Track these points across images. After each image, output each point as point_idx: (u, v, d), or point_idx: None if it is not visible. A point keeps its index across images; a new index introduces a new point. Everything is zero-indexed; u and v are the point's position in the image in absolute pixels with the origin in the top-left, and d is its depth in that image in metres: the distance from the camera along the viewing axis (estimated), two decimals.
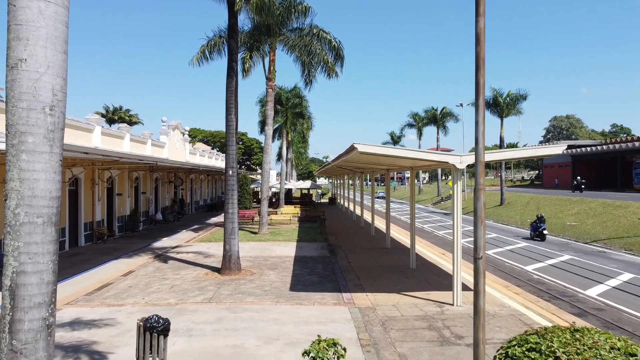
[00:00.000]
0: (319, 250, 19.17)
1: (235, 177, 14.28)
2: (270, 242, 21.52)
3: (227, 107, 14.11)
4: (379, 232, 24.91)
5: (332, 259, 16.96)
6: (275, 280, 13.31)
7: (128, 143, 24.97)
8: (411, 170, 15.37)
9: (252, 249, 19.41)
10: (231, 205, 14.16)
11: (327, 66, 23.66)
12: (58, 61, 3.75)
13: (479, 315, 5.59)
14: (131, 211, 25.48)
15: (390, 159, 12.50)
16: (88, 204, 20.67)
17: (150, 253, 18.40)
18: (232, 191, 14.18)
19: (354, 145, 10.29)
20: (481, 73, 5.67)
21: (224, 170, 14.31)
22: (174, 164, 23.70)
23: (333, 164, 16.71)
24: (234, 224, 14.16)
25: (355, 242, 21.69)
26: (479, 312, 5.61)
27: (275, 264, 15.99)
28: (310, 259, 17.04)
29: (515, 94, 44.18)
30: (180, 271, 14.72)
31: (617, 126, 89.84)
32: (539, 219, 26.30)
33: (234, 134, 14.16)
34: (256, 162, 78.05)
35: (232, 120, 14.04)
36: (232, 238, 14.09)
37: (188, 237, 23.60)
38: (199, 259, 16.95)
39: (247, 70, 23.79)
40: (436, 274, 14.36)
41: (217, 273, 14.23)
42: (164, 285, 12.86)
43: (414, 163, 13.50)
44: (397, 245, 20.55)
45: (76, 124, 19.92)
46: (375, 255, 17.74)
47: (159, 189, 30.85)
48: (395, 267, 15.31)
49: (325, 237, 23.35)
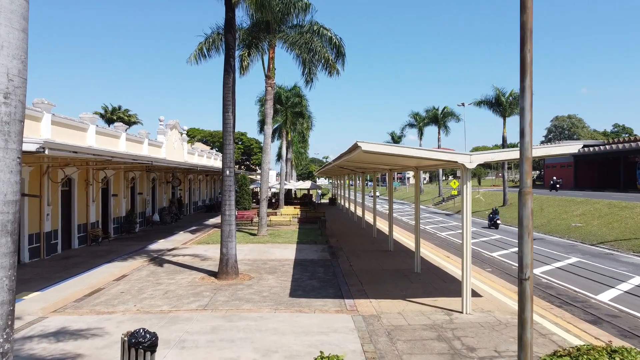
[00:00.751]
0: (320, 252, 18.59)
1: (233, 178, 13.70)
2: (269, 244, 20.95)
3: (224, 104, 13.54)
4: (381, 234, 24.33)
5: (334, 262, 16.38)
6: (274, 285, 12.73)
7: (124, 142, 24.38)
8: (415, 170, 14.80)
9: (250, 251, 18.83)
10: (228, 207, 13.58)
11: (328, 64, 23.09)
12: (14, 40, 3.17)
13: (525, 351, 4.66)
14: (127, 212, 24.90)
15: (394, 159, 11.92)
16: (82, 205, 20.08)
17: (145, 256, 17.82)
18: (229, 192, 13.60)
19: (358, 144, 9.71)
20: (528, 47, 4.88)
21: (221, 170, 13.75)
22: (170, 163, 23.12)
23: (334, 163, 16.15)
24: (231, 226, 13.57)
25: (357, 244, 21.11)
26: (525, 346, 4.67)
27: (275, 267, 15.40)
28: (310, 262, 16.46)
29: (518, 93, 43.53)
30: (176, 275, 14.13)
31: (619, 126, 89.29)
32: (494, 212, 31.18)
33: (232, 132, 13.58)
34: (256, 162, 77.45)
35: (229, 117, 13.46)
36: (229, 241, 13.51)
37: (185, 239, 23.02)
38: (196, 262, 16.37)
39: (245, 68, 23.20)
40: (442, 279, 13.78)
41: (214, 277, 13.65)
42: (157, 290, 12.27)
43: (419, 163, 12.93)
44: (400, 247, 19.98)
45: (69, 122, 19.32)
46: (378, 258, 17.16)
47: (156, 190, 30.27)
48: (400, 271, 14.74)
49: (326, 239, 22.78)
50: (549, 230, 31.00)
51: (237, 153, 76.23)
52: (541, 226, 33.00)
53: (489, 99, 44.58)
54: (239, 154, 77.47)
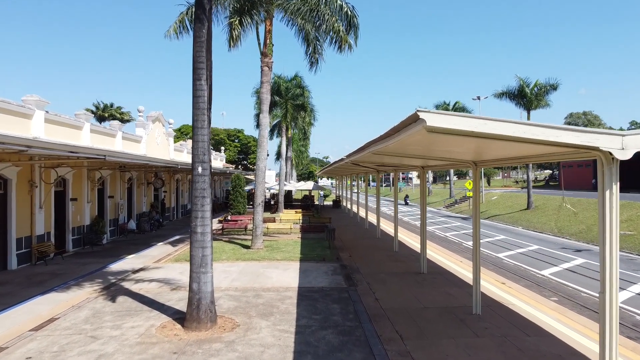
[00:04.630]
0: (331, 275, 14.14)
1: (208, 178, 9.23)
2: (265, 261, 16.49)
3: (195, 68, 9.07)
4: (403, 248, 19.87)
5: (352, 293, 11.93)
6: (269, 344, 8.27)
7: (87, 135, 19.89)
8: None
9: (240, 274, 14.37)
10: (201, 220, 9.08)
11: (338, 36, 18.61)
12: None
13: None
14: (92, 220, 20.41)
15: (462, 144, 7.41)
16: (24, 213, 15.61)
17: (99, 282, 13.35)
18: (201, 198, 9.12)
19: (419, 115, 5.26)
20: None
21: (191, 165, 9.26)
22: (136, 159, 18.54)
23: (356, 156, 11.67)
24: (205, 250, 9.08)
25: (376, 261, 16.64)
26: None
27: (271, 303, 10.93)
28: (320, 292, 12.00)
29: (544, 83, 39.14)
30: (126, 320, 9.65)
31: (636, 123, 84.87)
32: (406, 197, 43.13)
33: (206, 109, 9.11)
34: (253, 161, 72.87)
35: (202, 87, 9.00)
36: (203, 272, 9.03)
37: (161, 253, 18.52)
38: (163, 294, 11.89)
39: (235, 39, 18.63)
40: (518, 326, 9.30)
41: (181, 325, 9.18)
42: (86, 355, 7.81)
43: (524, 151, 7.89)
44: (436, 268, 15.47)
45: (9, 107, 14.89)
46: (411, 286, 12.70)
47: (134, 192, 25.74)
48: (449, 310, 10.29)
49: (336, 253, 18.32)
50: (590, 238, 26.57)
51: (234, 151, 71.61)
52: (580, 234, 28.56)
53: (511, 91, 40.19)
54: (236, 152, 72.92)
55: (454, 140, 6.59)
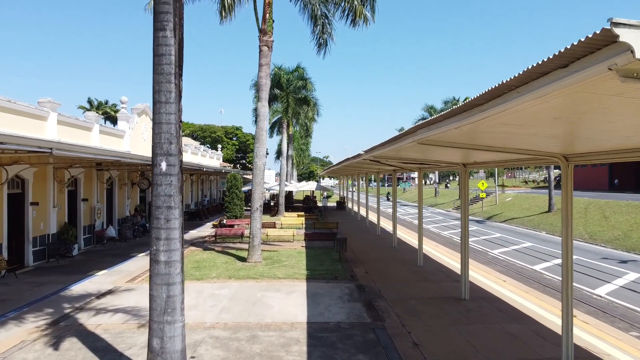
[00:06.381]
0: (347, 302, 11.07)
1: (177, 178, 6.11)
2: (264, 281, 13.42)
3: (157, 12, 5.96)
4: (428, 262, 16.78)
5: (380, 333, 8.86)
6: None
7: (54, 127, 16.79)
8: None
9: (232, 300, 11.28)
10: (165, 243, 5.96)
11: (352, 8, 15.52)
12: None
13: None
14: (61, 227, 17.32)
15: None
16: None
17: (47, 314, 10.25)
18: (166, 210, 6.00)
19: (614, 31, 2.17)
20: None
21: (151, 160, 6.17)
22: (101, 154, 15.42)
23: (384, 149, 8.63)
24: (171, 287, 5.96)
25: (400, 280, 13.55)
26: None
27: (271, 354, 7.85)
28: (337, 332, 8.92)
29: None
30: None
31: None
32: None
33: (173, 75, 6.00)
34: (252, 159, 69.78)
35: (166, 41, 5.90)
36: (169, 322, 5.92)
37: (139, 268, 15.43)
38: (125, 336, 8.79)
39: (228, 10, 15.52)
40: None
41: None
42: None
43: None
44: (477, 291, 12.29)
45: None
46: (456, 322, 9.62)
47: (115, 194, 22.63)
48: None
49: (349, 268, 15.26)
50: (630, 246, 23.54)
51: (232, 150, 68.34)
52: (616, 240, 25.48)
53: None
54: (234, 150, 69.67)
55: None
